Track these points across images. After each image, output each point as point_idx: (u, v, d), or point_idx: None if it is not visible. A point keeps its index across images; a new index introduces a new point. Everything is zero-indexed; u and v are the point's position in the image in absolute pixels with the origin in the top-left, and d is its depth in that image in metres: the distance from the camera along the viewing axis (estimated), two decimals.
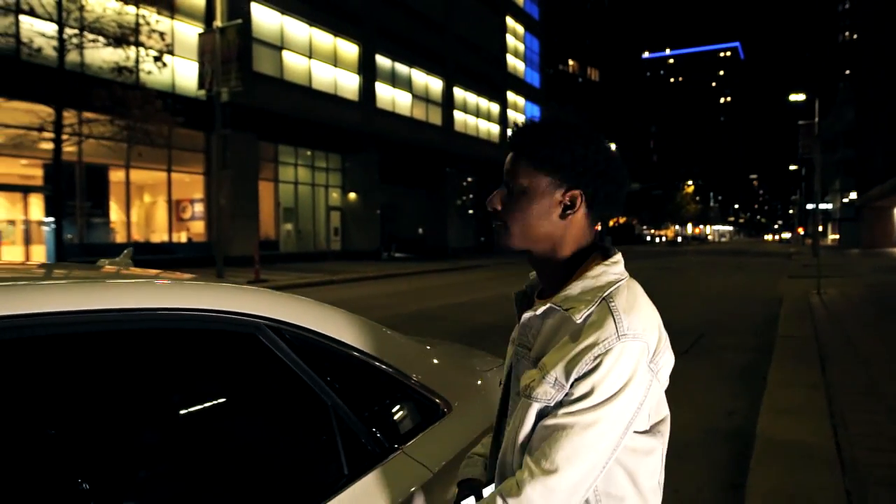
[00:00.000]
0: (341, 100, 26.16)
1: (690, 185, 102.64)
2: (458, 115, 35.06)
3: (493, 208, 1.15)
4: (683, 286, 16.74)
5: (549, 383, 1.05)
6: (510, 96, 41.54)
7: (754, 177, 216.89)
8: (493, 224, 1.18)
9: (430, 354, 1.88)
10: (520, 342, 1.18)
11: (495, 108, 39.68)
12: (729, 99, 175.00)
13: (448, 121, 34.06)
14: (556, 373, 1.05)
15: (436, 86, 33.19)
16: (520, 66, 43.25)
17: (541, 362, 1.08)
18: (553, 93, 52.53)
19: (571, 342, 1.05)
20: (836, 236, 62.24)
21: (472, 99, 36.85)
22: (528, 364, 1.13)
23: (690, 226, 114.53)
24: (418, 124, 31.40)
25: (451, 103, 34.33)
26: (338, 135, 25.53)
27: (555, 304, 1.09)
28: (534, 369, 1.10)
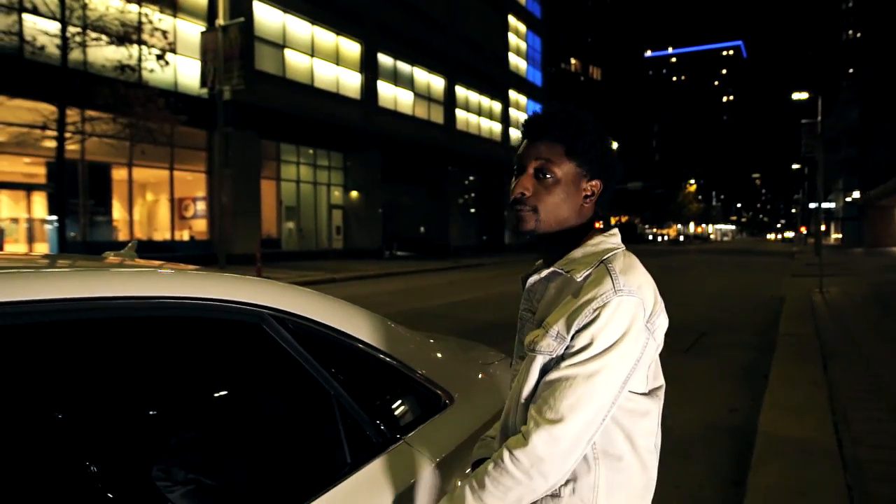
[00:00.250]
0: (343, 98, 26.16)
1: (693, 184, 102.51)
2: (460, 114, 35.04)
3: (521, 193, 1.21)
4: (685, 285, 16.72)
5: (552, 336, 1.13)
6: (512, 95, 41.51)
7: (757, 176, 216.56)
8: (516, 210, 1.23)
9: (432, 347, 1.89)
10: (525, 307, 1.26)
11: (497, 107, 39.66)
12: (731, 98, 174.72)
13: (450, 119, 34.05)
14: (558, 326, 1.13)
15: (438, 84, 33.17)
16: (522, 65, 43.21)
17: (545, 321, 1.16)
18: (555, 91, 52.47)
19: (573, 300, 1.14)
20: (838, 235, 62.15)
21: (475, 97, 36.83)
22: (532, 326, 1.21)
23: (693, 225, 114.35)
24: (420, 123, 31.39)
25: (453, 102, 34.31)
26: (340, 133, 25.53)
27: (557, 267, 1.20)
28: (537, 329, 1.17)
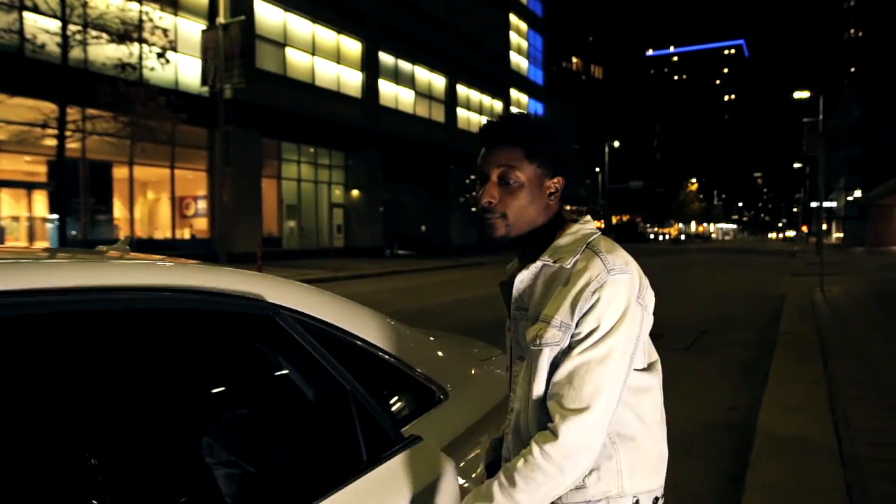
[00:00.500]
0: (344, 97, 26.16)
1: (694, 183, 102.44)
2: (461, 113, 35.03)
3: (488, 202, 1.23)
4: (687, 283, 16.71)
5: (556, 327, 1.15)
6: (513, 93, 41.49)
7: (758, 175, 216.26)
8: (485, 218, 1.25)
9: (429, 344, 1.89)
10: (516, 307, 1.26)
11: (498, 106, 39.64)
12: (733, 97, 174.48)
13: (451, 118, 34.04)
14: (560, 316, 1.15)
15: (439, 83, 33.16)
16: (523, 64, 43.19)
17: (542, 314, 1.17)
18: (556, 90, 52.43)
19: (566, 288, 1.16)
20: (840, 234, 62.09)
21: (476, 96, 36.81)
22: (527, 323, 1.22)
23: (694, 224, 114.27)
24: (421, 121, 31.38)
25: (454, 100, 34.30)
26: (341, 132, 25.53)
27: (545, 258, 1.21)
28: (537, 323, 1.18)
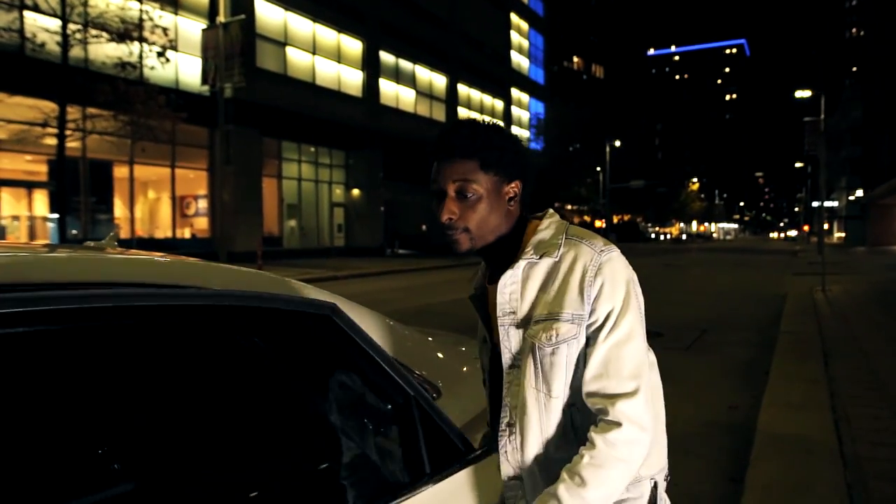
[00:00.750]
0: (345, 96, 26.14)
1: (695, 183, 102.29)
2: (462, 112, 35.01)
3: (448, 218, 1.20)
4: (688, 283, 16.69)
5: (567, 321, 1.14)
6: (514, 93, 41.47)
7: (760, 174, 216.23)
8: (448, 234, 1.22)
9: (425, 343, 1.89)
10: (504, 311, 1.23)
11: (499, 105, 39.62)
12: (735, 96, 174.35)
13: (452, 117, 33.98)
14: (570, 308, 1.14)
15: (440, 82, 33.14)
16: (524, 63, 43.17)
17: (548, 312, 1.16)
18: (557, 89, 52.36)
19: (565, 280, 1.16)
20: (841, 234, 62.00)
21: (477, 95, 36.79)
22: (519, 328, 1.20)
23: (695, 223, 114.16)
24: (422, 121, 31.35)
25: (455, 100, 34.28)
26: (341, 131, 25.52)
27: (527, 256, 1.20)
28: (543, 322, 1.16)
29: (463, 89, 35.13)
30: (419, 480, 1.18)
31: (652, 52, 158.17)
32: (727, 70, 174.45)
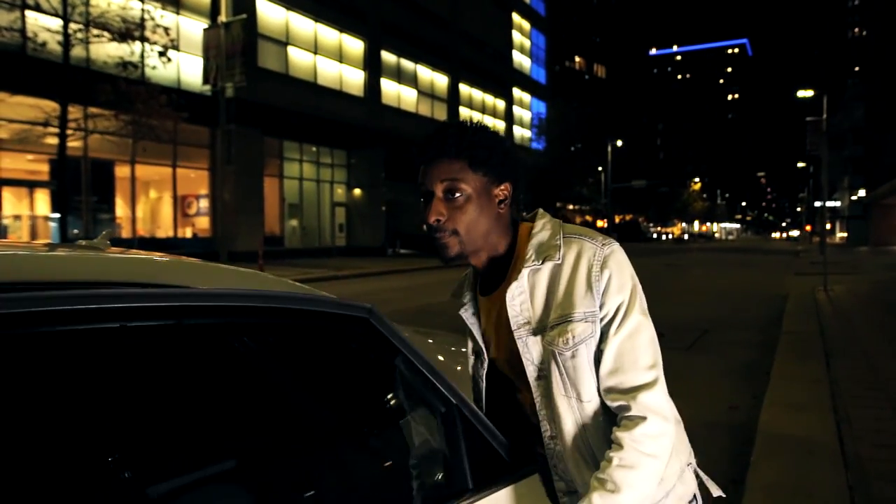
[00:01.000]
0: (347, 96, 26.14)
1: (697, 183, 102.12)
2: (463, 111, 34.99)
3: (436, 220, 1.16)
4: (689, 283, 16.66)
5: (581, 320, 1.11)
6: (516, 92, 41.44)
7: (762, 174, 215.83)
8: (436, 238, 1.17)
9: (428, 346, 1.89)
10: (519, 323, 1.18)
11: (501, 105, 39.60)
12: (737, 96, 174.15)
13: (454, 117, 33.85)
14: (582, 308, 1.12)
15: (441, 82, 33.13)
16: (526, 63, 43.13)
17: (559, 315, 1.13)
18: (559, 89, 52.31)
19: (570, 280, 1.13)
20: (844, 234, 61.88)
21: (478, 95, 36.77)
22: (536, 339, 1.16)
23: (697, 223, 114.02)
24: (424, 120, 31.33)
25: (456, 99, 34.26)
26: (343, 131, 25.51)
27: (529, 264, 1.16)
28: (556, 328, 1.13)
29: (464, 89, 35.11)
30: (461, 496, 1.11)
31: (654, 51, 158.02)
32: (729, 70, 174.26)
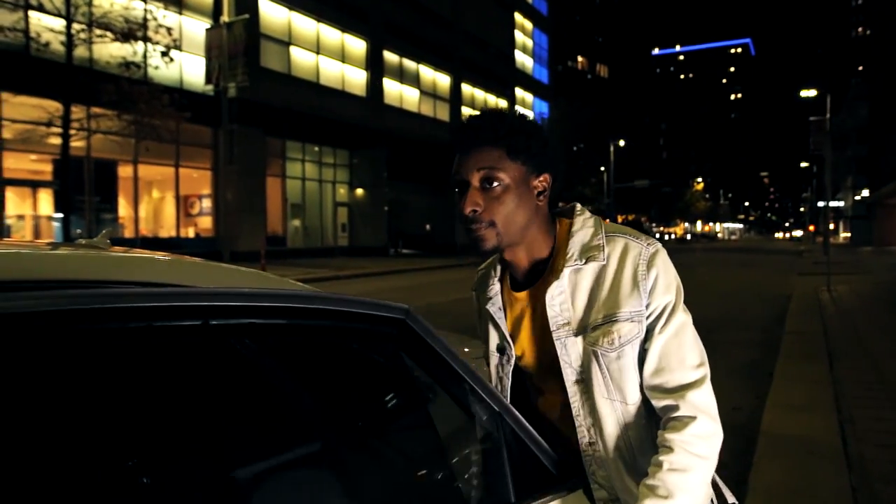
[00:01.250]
0: (349, 95, 26.15)
1: (700, 183, 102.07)
2: (466, 111, 34.93)
3: (472, 210, 1.11)
4: (692, 283, 16.55)
5: (627, 320, 1.08)
6: (518, 92, 41.42)
7: (765, 174, 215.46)
8: (472, 230, 1.12)
9: None
10: (558, 324, 1.14)
11: (503, 105, 39.49)
12: (740, 96, 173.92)
13: (456, 117, 33.97)
14: (628, 307, 1.09)
15: (444, 81, 33.13)
16: (528, 63, 43.10)
17: (603, 316, 1.10)
18: (561, 89, 52.26)
19: (616, 279, 1.10)
20: (847, 234, 61.73)
21: (480, 95, 36.77)
22: (577, 339, 1.13)
23: (700, 223, 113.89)
24: (426, 120, 31.36)
25: (459, 99, 34.26)
26: (345, 130, 25.52)
27: (571, 263, 1.12)
28: (594, 332, 1.10)
29: (467, 89, 35.10)
30: None
31: (656, 51, 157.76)
32: (732, 69, 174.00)
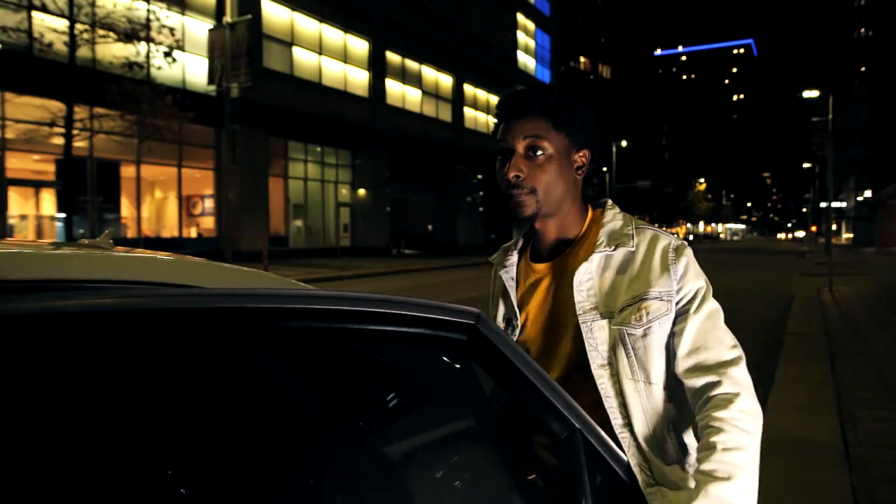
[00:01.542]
0: (351, 96, 26.17)
1: (702, 183, 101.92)
2: (468, 112, 34.99)
3: (516, 175, 1.15)
4: None
5: (657, 298, 1.11)
6: None
7: (767, 175, 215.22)
8: (513, 195, 1.16)
9: None
10: (584, 308, 1.15)
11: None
12: (742, 96, 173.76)
13: (458, 117, 34.00)
14: (658, 287, 1.12)
15: (446, 82, 33.12)
16: (530, 63, 43.09)
17: (633, 296, 1.12)
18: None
19: (645, 263, 1.14)
20: (850, 235, 61.64)
21: (483, 95, 36.76)
22: (603, 323, 1.14)
23: (702, 224, 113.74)
24: (428, 121, 31.36)
25: (461, 100, 34.26)
26: (348, 131, 25.54)
27: (601, 249, 1.16)
28: (622, 313, 1.12)
29: (469, 89, 35.09)
30: None
31: (659, 52, 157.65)
32: (734, 70, 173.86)
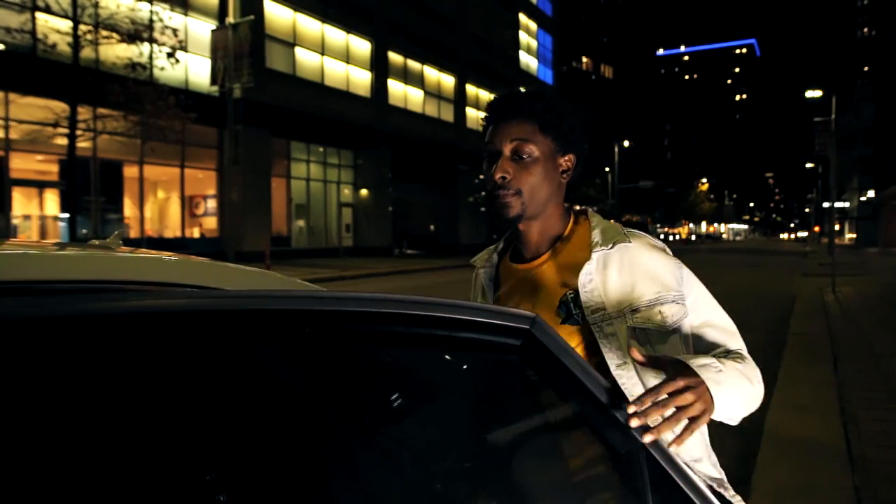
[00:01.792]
0: (353, 96, 26.19)
1: (705, 183, 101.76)
2: (470, 112, 34.99)
3: (502, 176, 1.17)
4: None
5: (673, 301, 1.14)
6: None
7: (770, 175, 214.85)
8: (498, 196, 1.18)
9: None
10: (593, 309, 1.14)
11: None
12: (744, 96, 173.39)
13: (460, 117, 34.00)
14: (672, 291, 1.15)
15: (448, 82, 33.13)
16: (532, 63, 43.08)
17: (651, 299, 1.13)
18: (566, 89, 52.27)
19: (651, 264, 1.16)
20: (853, 235, 61.49)
21: (485, 95, 36.73)
22: (614, 321, 1.14)
23: (705, 224, 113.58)
24: (430, 121, 31.37)
25: (463, 100, 34.27)
26: (350, 131, 25.56)
27: (598, 249, 1.17)
28: (638, 315, 1.13)
29: (471, 89, 35.10)
30: None
31: (661, 52, 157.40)
32: (737, 70, 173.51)
